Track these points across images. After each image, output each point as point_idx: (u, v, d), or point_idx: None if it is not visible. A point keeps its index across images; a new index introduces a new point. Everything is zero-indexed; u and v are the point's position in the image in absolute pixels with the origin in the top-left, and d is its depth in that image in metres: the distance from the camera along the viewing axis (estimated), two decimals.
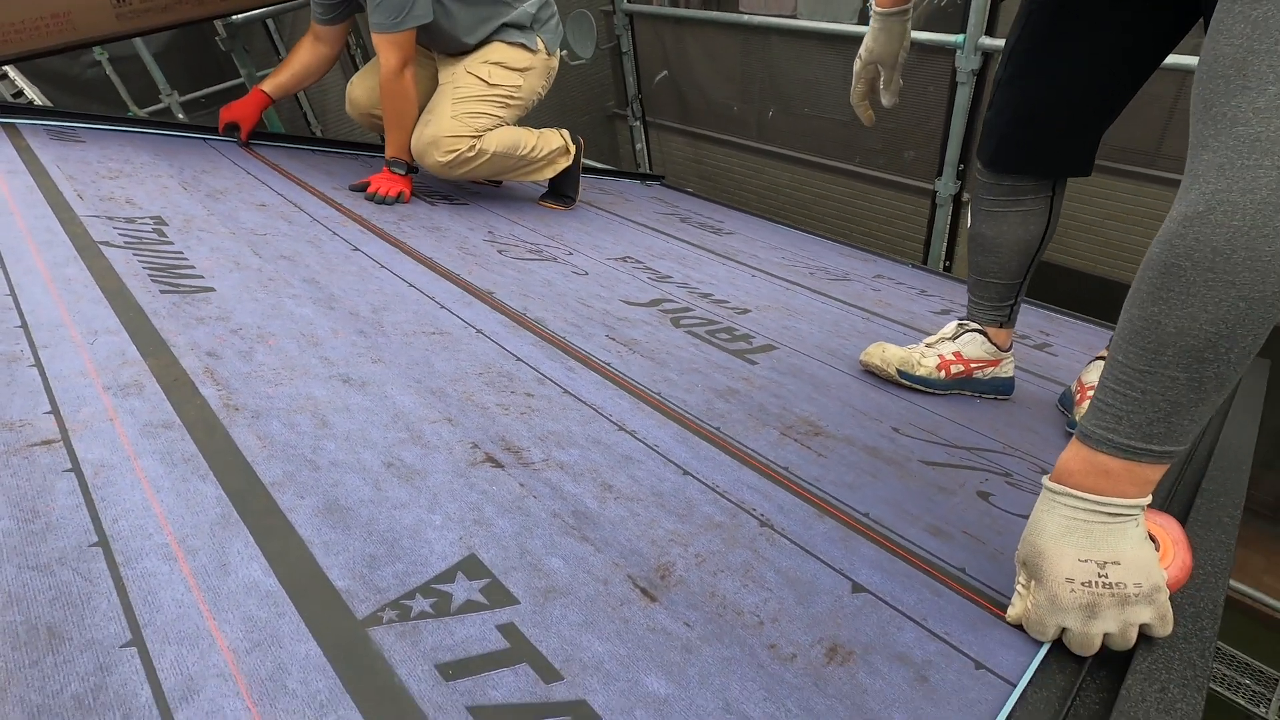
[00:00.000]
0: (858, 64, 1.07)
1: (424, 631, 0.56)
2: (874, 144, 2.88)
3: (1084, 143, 1.01)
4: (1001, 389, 1.21)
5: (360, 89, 1.97)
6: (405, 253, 1.45)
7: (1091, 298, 2.30)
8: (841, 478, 0.89)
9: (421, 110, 1.85)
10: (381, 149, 2.00)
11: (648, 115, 3.59)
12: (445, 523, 0.69)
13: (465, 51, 1.91)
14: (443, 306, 1.22)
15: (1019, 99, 1.00)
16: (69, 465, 0.67)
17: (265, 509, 0.66)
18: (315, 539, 0.64)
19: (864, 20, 2.96)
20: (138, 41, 3.50)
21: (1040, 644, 0.65)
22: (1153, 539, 0.65)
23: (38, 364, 0.82)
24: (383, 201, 1.77)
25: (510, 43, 1.88)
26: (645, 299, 1.44)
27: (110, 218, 1.30)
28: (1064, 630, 0.63)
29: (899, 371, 1.18)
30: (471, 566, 0.64)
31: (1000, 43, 2.27)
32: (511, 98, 1.89)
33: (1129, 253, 2.64)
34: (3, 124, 1.73)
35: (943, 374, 1.17)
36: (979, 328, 1.18)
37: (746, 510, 0.79)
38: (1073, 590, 0.61)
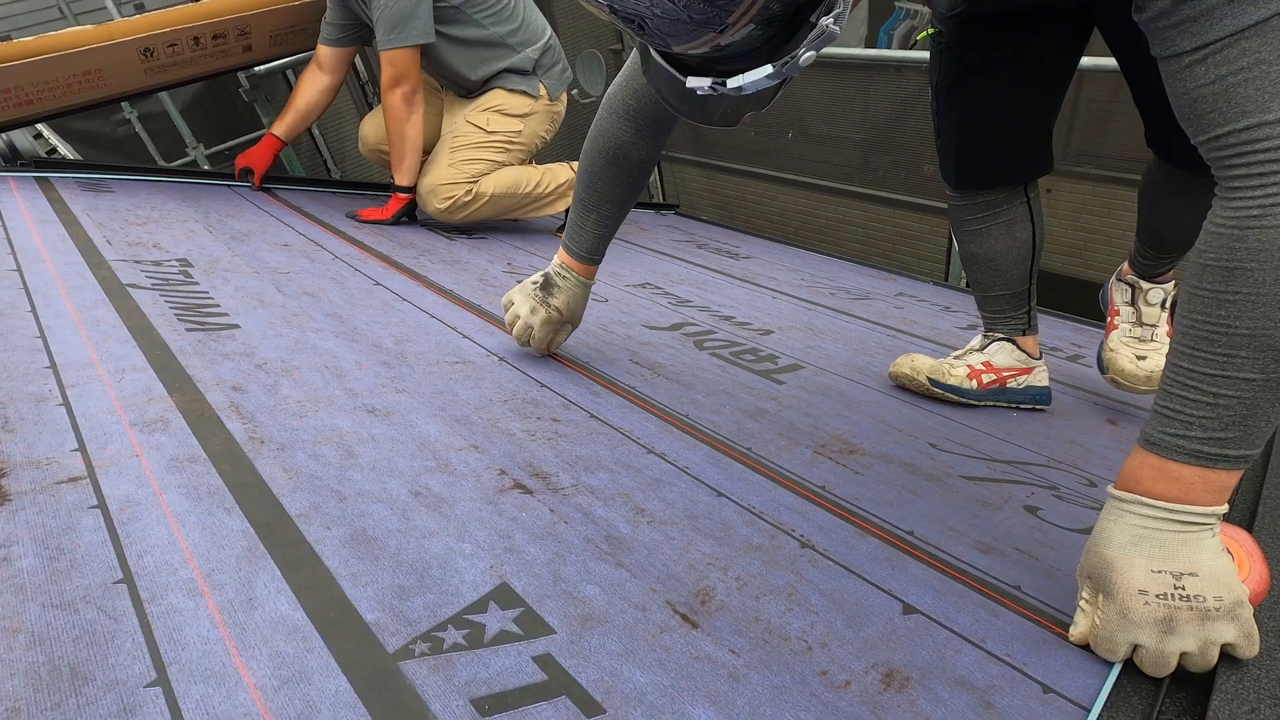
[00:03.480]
0: (545, 315, 1.08)
1: (457, 664, 0.53)
2: (887, 165, 2.88)
3: (1033, 148, 1.07)
4: (1039, 398, 1.17)
5: (370, 127, 2.08)
6: (426, 286, 1.46)
7: None
8: (881, 495, 0.86)
9: (426, 142, 1.92)
10: (392, 188, 2.01)
11: None
12: (475, 551, 0.67)
13: (471, 92, 1.95)
14: (465, 336, 1.21)
15: (955, 129, 1.07)
16: (95, 501, 0.66)
17: (292, 541, 0.65)
18: (343, 570, 0.62)
19: (870, 45, 2.98)
20: (164, 98, 3.63)
21: (1110, 665, 0.60)
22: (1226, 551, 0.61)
23: (65, 403, 0.82)
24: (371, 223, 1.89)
25: (511, 89, 1.92)
26: (667, 324, 1.43)
27: (138, 261, 1.32)
28: (1136, 648, 0.58)
29: (930, 380, 1.15)
30: (504, 595, 0.61)
31: None
32: (511, 143, 1.93)
33: None
34: (36, 178, 1.78)
35: (974, 383, 1.14)
36: (1005, 336, 1.16)
37: (785, 531, 0.76)
38: (1146, 603, 0.57)
